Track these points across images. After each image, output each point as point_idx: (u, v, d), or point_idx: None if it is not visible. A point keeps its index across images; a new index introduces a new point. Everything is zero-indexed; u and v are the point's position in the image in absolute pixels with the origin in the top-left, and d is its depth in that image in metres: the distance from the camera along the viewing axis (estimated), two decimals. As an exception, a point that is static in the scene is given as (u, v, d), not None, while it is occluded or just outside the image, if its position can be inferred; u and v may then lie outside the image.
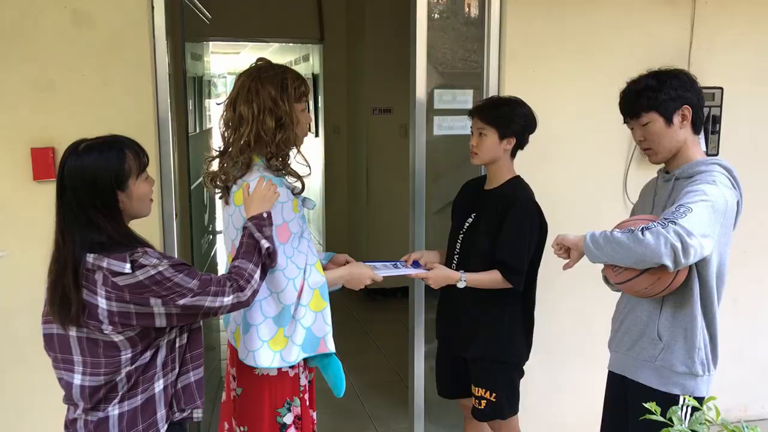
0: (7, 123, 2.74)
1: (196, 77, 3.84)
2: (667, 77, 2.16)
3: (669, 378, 2.14)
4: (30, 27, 2.72)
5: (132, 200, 1.82)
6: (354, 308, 6.13)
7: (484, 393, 2.70)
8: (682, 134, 2.17)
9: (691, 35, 3.39)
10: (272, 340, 2.12)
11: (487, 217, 2.64)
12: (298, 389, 2.22)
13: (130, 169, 1.80)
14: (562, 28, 3.26)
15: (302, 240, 2.18)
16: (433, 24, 3.22)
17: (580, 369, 3.47)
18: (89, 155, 1.77)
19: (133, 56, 2.82)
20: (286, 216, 2.11)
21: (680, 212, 1.94)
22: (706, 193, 1.99)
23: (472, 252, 2.65)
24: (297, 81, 2.17)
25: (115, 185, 1.78)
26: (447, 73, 3.42)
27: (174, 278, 1.74)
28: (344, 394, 3.92)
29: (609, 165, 3.42)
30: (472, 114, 2.65)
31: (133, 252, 1.74)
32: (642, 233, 1.94)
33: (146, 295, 1.72)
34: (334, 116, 7.01)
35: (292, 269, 2.10)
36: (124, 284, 1.71)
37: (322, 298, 2.16)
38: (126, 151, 1.81)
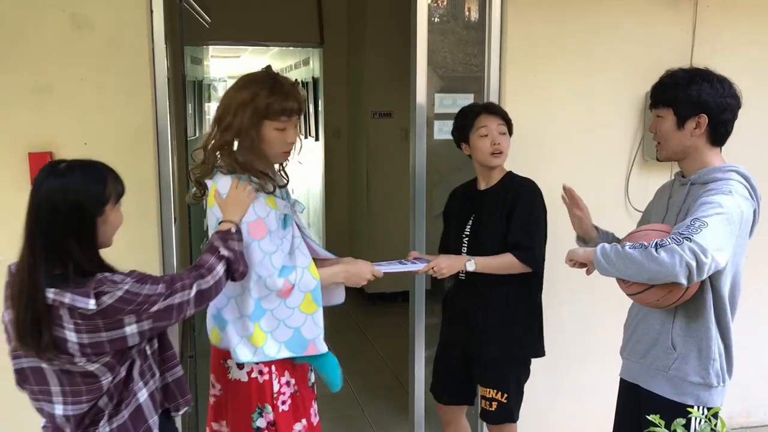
0: (5, 127, 2.73)
1: (195, 81, 3.83)
2: (700, 78, 2.08)
3: (683, 388, 2.11)
4: (29, 30, 2.71)
5: (106, 227, 1.76)
6: (354, 312, 6.11)
7: (495, 394, 2.67)
8: (692, 142, 2.10)
9: (693, 37, 3.38)
10: (251, 336, 2.11)
11: (492, 213, 2.63)
12: (270, 396, 2.17)
13: (110, 194, 1.74)
14: (563, 30, 3.25)
15: (287, 240, 2.16)
16: (433, 28, 3.21)
17: (583, 374, 3.45)
18: (72, 176, 1.69)
19: (132, 60, 2.80)
20: (259, 212, 2.09)
21: (695, 227, 1.89)
22: (721, 206, 1.94)
23: (480, 250, 2.62)
24: (273, 97, 2.08)
25: (96, 210, 1.71)
26: (447, 77, 3.41)
27: (142, 291, 1.70)
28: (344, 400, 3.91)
29: (611, 168, 3.40)
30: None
31: (95, 285, 1.66)
32: (656, 250, 1.88)
33: (119, 317, 1.66)
34: (334, 120, 7.00)
35: (266, 266, 2.08)
36: (94, 312, 1.64)
37: (314, 300, 2.15)
38: (107, 175, 1.76)
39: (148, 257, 2.89)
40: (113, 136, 2.82)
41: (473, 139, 2.65)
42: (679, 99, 2.08)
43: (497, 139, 2.60)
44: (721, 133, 2.11)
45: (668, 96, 2.11)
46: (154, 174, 2.87)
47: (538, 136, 3.26)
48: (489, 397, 2.68)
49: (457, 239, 2.71)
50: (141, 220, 2.83)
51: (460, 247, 2.70)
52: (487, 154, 2.61)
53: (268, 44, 8.37)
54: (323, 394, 4.47)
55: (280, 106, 2.08)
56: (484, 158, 2.63)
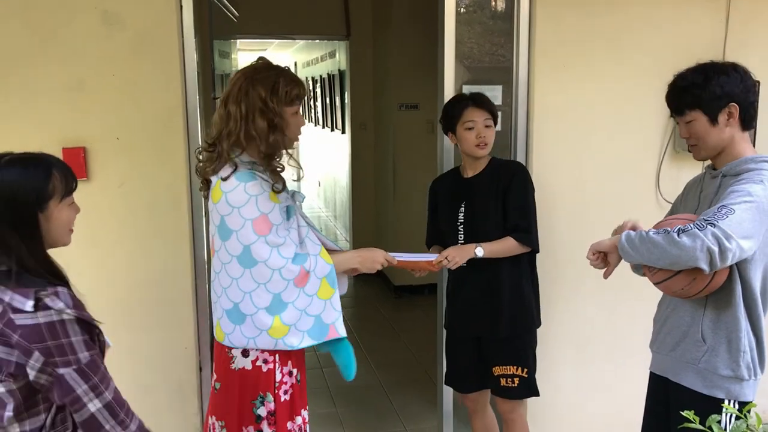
0: (40, 123, 2.77)
1: (223, 74, 3.86)
2: (714, 73, 2.07)
3: (713, 381, 2.08)
4: (61, 28, 2.75)
5: (50, 224, 1.65)
6: (381, 305, 6.13)
7: (516, 370, 2.76)
8: (729, 132, 2.08)
9: (726, 28, 3.31)
10: (271, 329, 2.16)
11: (483, 198, 2.74)
12: (272, 385, 2.22)
13: (54, 189, 1.64)
14: (594, 21, 3.21)
15: (293, 230, 2.20)
16: (459, 18, 3.19)
17: (612, 368, 3.42)
18: (11, 169, 1.61)
19: (162, 55, 2.83)
20: (263, 207, 2.12)
21: (721, 213, 1.88)
22: (750, 194, 1.92)
23: (478, 235, 2.72)
24: (290, 84, 2.18)
25: (35, 205, 1.61)
26: (474, 68, 3.39)
27: (71, 336, 1.55)
28: (372, 392, 3.94)
29: (641, 161, 3.37)
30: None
31: (41, 289, 1.55)
32: (678, 235, 1.88)
33: (33, 346, 1.52)
34: (360, 113, 7.00)
35: (276, 259, 2.12)
36: (21, 323, 1.52)
37: (330, 285, 2.20)
38: (53, 170, 1.65)
39: (179, 248, 2.94)
40: (145, 130, 2.86)
41: (460, 130, 2.74)
42: (704, 98, 2.07)
43: (483, 132, 2.70)
44: (751, 116, 2.11)
45: (693, 99, 2.09)
46: (185, 166, 2.91)
47: (568, 128, 3.24)
48: (510, 374, 2.77)
49: (451, 228, 2.78)
50: (172, 212, 2.87)
51: (455, 235, 2.77)
52: (473, 146, 2.72)
53: (295, 37, 8.39)
54: (352, 386, 4.51)
55: (296, 92, 2.19)
56: (469, 149, 2.74)
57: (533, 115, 3.21)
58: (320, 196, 10.71)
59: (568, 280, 3.27)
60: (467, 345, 2.87)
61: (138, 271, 2.92)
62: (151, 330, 2.95)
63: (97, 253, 2.88)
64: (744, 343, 2.05)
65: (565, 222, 3.28)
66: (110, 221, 2.89)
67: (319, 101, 9.66)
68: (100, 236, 2.87)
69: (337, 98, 7.99)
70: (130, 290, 2.90)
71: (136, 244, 2.91)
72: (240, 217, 2.11)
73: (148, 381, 2.96)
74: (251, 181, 2.12)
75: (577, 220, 3.27)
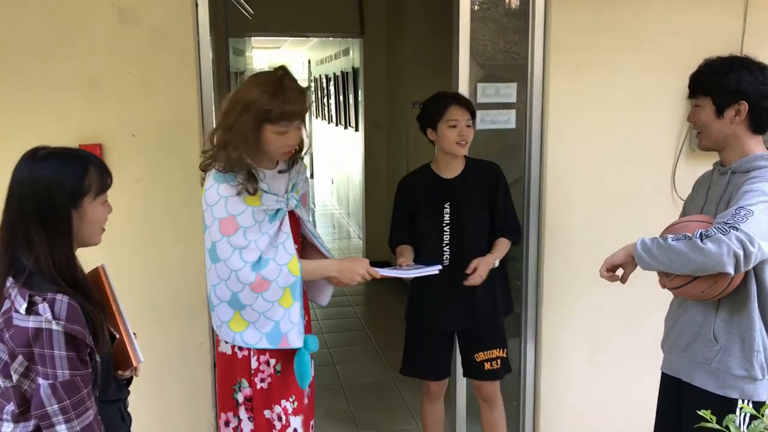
0: (57, 120, 2.79)
1: (238, 72, 3.87)
2: (738, 67, 2.05)
3: (726, 381, 2.06)
4: (78, 25, 2.77)
5: (83, 223, 1.61)
6: (393, 303, 6.12)
7: (499, 352, 2.91)
8: (733, 130, 2.06)
9: (744, 22, 3.28)
10: (231, 320, 2.24)
11: (469, 199, 2.80)
12: (248, 371, 2.28)
13: (89, 186, 1.61)
14: (609, 19, 3.19)
15: (266, 235, 2.21)
16: (474, 16, 3.18)
17: (627, 367, 3.40)
18: (47, 163, 1.58)
19: (178, 52, 2.84)
20: (231, 209, 2.16)
21: (740, 216, 1.86)
22: (765, 193, 1.90)
23: (464, 236, 2.80)
24: (274, 104, 2.12)
25: (69, 202, 1.57)
26: (488, 65, 3.37)
27: (54, 348, 1.49)
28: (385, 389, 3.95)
29: (657, 158, 3.34)
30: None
31: (37, 294, 1.51)
32: (702, 241, 1.85)
33: (18, 350, 1.49)
34: (374, 111, 7.00)
35: (235, 260, 2.15)
36: (15, 323, 1.50)
37: (292, 296, 2.22)
38: (89, 166, 1.62)
39: (194, 245, 2.94)
40: (160, 128, 2.87)
41: (441, 128, 2.77)
42: (717, 88, 2.05)
43: (465, 131, 2.74)
44: (763, 121, 2.07)
45: (707, 85, 2.08)
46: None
47: (583, 126, 3.22)
48: (494, 357, 2.90)
49: (436, 229, 2.82)
50: (187, 208, 2.88)
51: (440, 236, 2.81)
52: (453, 144, 2.75)
53: (309, 35, 8.41)
54: (364, 383, 4.51)
55: (279, 111, 2.13)
56: (450, 147, 2.77)
57: (548, 112, 3.19)
58: (333, 193, 10.72)
59: (583, 278, 3.26)
60: (440, 338, 2.95)
61: (152, 267, 2.94)
62: (166, 326, 2.97)
63: (112, 249, 2.88)
64: (758, 342, 2.03)
65: (580, 220, 3.26)
66: (125, 218, 2.90)
67: (332, 99, 9.68)
68: (115, 232, 2.86)
69: (350, 96, 8.00)
70: (144, 287, 2.92)
71: (151, 240, 2.93)
72: (211, 216, 2.18)
73: (162, 377, 2.97)
74: (224, 183, 2.17)
75: (592, 218, 3.26)
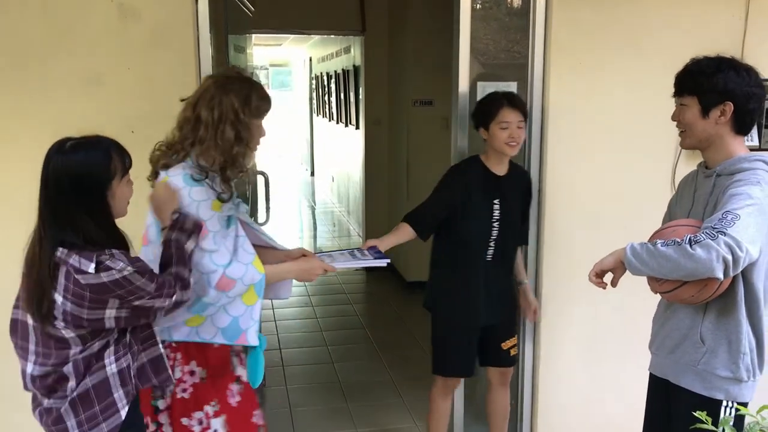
0: (56, 116, 2.79)
1: (239, 69, 3.86)
2: (726, 67, 2.05)
3: (712, 382, 2.07)
4: (78, 22, 2.77)
5: (114, 201, 1.84)
6: (393, 301, 6.13)
7: (515, 340, 3.12)
8: (717, 130, 2.07)
9: (746, 23, 3.28)
10: (188, 320, 2.20)
11: (513, 198, 2.95)
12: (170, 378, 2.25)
13: (115, 169, 1.83)
14: (610, 17, 3.18)
15: (230, 238, 2.22)
16: (475, 14, 3.17)
17: (624, 368, 3.40)
18: (76, 154, 1.78)
19: (178, 49, 2.84)
20: (203, 214, 2.15)
21: (728, 220, 1.86)
22: (751, 197, 1.91)
23: (508, 234, 2.93)
24: (261, 99, 2.23)
25: (103, 185, 1.80)
26: (489, 64, 3.37)
27: (136, 282, 1.78)
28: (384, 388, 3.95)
29: (657, 158, 3.34)
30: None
31: (101, 253, 1.75)
32: (691, 246, 1.86)
33: (105, 297, 1.75)
34: (375, 108, 7.00)
35: (207, 264, 2.14)
36: (86, 283, 1.73)
37: (256, 293, 2.23)
38: (112, 152, 1.84)
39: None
40: (160, 124, 2.85)
41: (493, 128, 2.83)
42: (704, 87, 2.06)
43: (515, 132, 2.81)
44: (747, 123, 2.08)
45: (694, 84, 2.09)
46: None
47: (584, 125, 3.22)
48: (512, 345, 3.09)
49: (485, 224, 2.88)
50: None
51: (488, 232, 2.87)
52: (503, 144, 2.82)
53: (310, 32, 8.40)
54: (363, 381, 4.52)
55: (265, 107, 2.26)
56: (500, 147, 2.84)
57: (548, 111, 3.19)
58: (333, 191, 10.72)
59: (582, 277, 3.19)
60: (473, 334, 3.00)
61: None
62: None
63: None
64: (744, 344, 2.04)
65: (580, 219, 3.26)
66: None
67: (333, 97, 9.67)
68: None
69: (351, 94, 8.00)
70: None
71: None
72: None
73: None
74: (197, 187, 2.16)
75: (592, 218, 3.26)
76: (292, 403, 4.15)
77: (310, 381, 4.49)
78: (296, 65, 16.20)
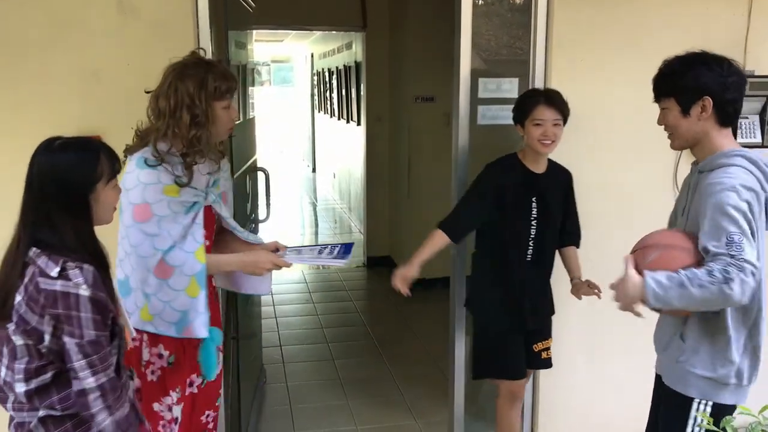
0: (56, 112, 2.78)
1: (240, 65, 3.84)
2: (696, 63, 2.05)
3: (688, 380, 2.07)
4: (77, 17, 2.75)
5: (98, 205, 1.77)
6: (394, 298, 6.10)
7: (550, 342, 3.04)
8: (701, 126, 2.05)
9: (748, 21, 3.25)
10: (141, 309, 2.21)
11: (552, 197, 2.87)
12: (138, 362, 2.25)
13: (102, 173, 1.76)
14: (612, 15, 3.17)
15: (180, 225, 2.22)
16: (477, 10, 3.16)
17: (625, 368, 3.39)
18: (63, 154, 1.73)
19: (177, 45, 2.81)
20: (148, 197, 2.17)
21: (735, 245, 1.84)
22: (736, 209, 1.89)
23: (548, 234, 2.87)
24: (219, 80, 2.23)
25: (87, 187, 1.73)
26: (491, 61, 3.36)
27: (81, 311, 1.65)
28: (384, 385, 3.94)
29: (659, 155, 3.31)
30: None
31: (69, 260, 1.67)
32: (729, 285, 1.81)
33: (47, 310, 1.65)
34: (376, 105, 6.98)
35: (146, 247, 2.17)
36: (42, 288, 1.66)
37: (198, 284, 2.22)
38: (101, 154, 1.77)
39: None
40: (159, 121, 2.85)
41: (528, 125, 2.78)
42: (678, 87, 2.06)
43: (549, 131, 2.75)
44: (730, 113, 2.06)
45: (668, 86, 2.09)
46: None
47: (584, 123, 3.20)
48: (548, 347, 3.02)
49: (524, 222, 2.83)
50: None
51: (527, 231, 2.83)
52: (536, 141, 2.76)
53: (311, 28, 8.37)
54: (363, 378, 4.51)
55: (225, 87, 2.25)
56: (533, 144, 2.79)
57: (550, 108, 3.17)
58: (335, 187, 10.71)
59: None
60: (519, 336, 2.95)
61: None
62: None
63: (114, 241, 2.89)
64: (732, 348, 2.01)
65: (581, 218, 3.24)
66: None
67: (334, 93, 9.65)
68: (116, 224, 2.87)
69: (352, 90, 7.98)
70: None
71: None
72: (126, 200, 2.17)
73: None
74: (146, 170, 2.18)
75: (594, 216, 3.23)
76: (293, 400, 4.14)
77: (310, 378, 4.49)
78: (298, 61, 16.17)
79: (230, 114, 2.30)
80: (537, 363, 3.04)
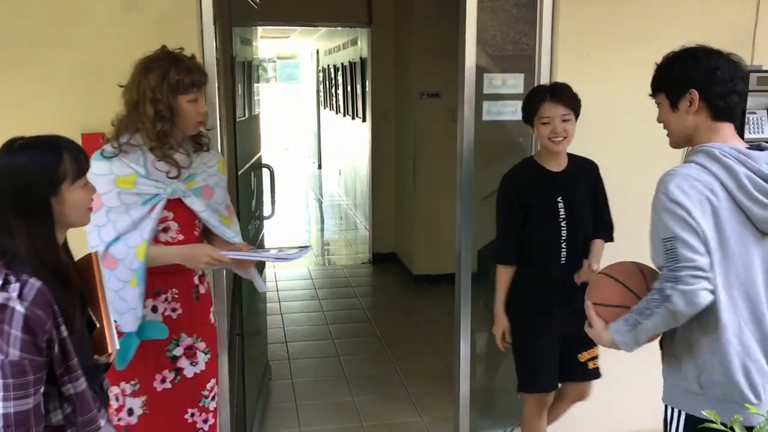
0: (59, 108, 2.78)
1: (245, 62, 3.83)
2: (684, 58, 2.02)
3: (666, 390, 2.04)
4: (81, 13, 2.75)
5: (65, 207, 1.65)
6: (400, 294, 6.11)
7: (597, 350, 2.82)
8: (692, 121, 2.00)
9: (757, 14, 3.22)
10: None
11: (578, 194, 2.75)
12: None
13: (66, 173, 1.64)
14: (618, 11, 3.14)
15: (128, 218, 2.25)
16: (482, 6, 3.14)
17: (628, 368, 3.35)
18: (23, 154, 1.61)
19: (181, 41, 2.79)
20: (99, 188, 2.11)
21: (670, 254, 1.83)
22: (666, 210, 1.88)
23: (579, 234, 2.74)
24: (182, 73, 2.26)
25: (48, 189, 1.62)
26: (497, 56, 3.34)
27: (11, 329, 1.51)
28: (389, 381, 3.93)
29: (664, 153, 3.27)
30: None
31: (16, 273, 1.55)
32: (671, 303, 1.80)
33: None
34: (381, 101, 6.97)
35: (93, 238, 2.23)
36: None
37: (136, 279, 2.25)
38: (64, 153, 1.65)
39: (197, 237, 2.92)
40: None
41: (536, 124, 2.71)
42: (665, 81, 2.05)
43: (559, 127, 2.66)
44: (721, 107, 1.97)
45: (658, 81, 2.07)
46: (203, 155, 2.89)
47: (590, 119, 3.16)
48: (592, 357, 2.84)
49: (552, 224, 2.71)
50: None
51: (558, 234, 2.71)
52: (547, 140, 2.69)
53: (317, 25, 8.37)
54: (369, 375, 4.50)
55: (189, 80, 2.27)
56: (545, 143, 2.71)
57: (555, 104, 3.15)
58: (340, 184, 10.70)
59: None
60: (554, 344, 2.80)
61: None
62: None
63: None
64: (701, 357, 1.92)
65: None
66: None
67: (340, 89, 9.64)
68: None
69: (358, 86, 7.96)
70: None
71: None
72: None
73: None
74: (100, 162, 2.23)
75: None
76: (298, 397, 4.14)
77: (315, 374, 4.49)
78: (304, 57, 16.17)
79: (197, 108, 2.31)
80: (585, 374, 2.85)
